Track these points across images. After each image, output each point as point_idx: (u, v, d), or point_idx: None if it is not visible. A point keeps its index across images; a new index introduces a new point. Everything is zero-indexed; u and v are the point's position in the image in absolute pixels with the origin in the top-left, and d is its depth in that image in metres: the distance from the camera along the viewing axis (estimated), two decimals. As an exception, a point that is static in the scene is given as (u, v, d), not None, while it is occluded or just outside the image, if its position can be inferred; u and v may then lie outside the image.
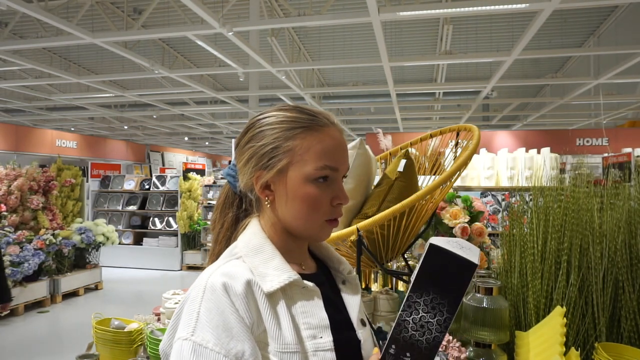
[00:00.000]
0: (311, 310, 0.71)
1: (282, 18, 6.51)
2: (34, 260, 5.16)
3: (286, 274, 0.70)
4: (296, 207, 0.73)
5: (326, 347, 0.68)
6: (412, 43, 8.52)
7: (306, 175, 0.72)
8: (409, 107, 11.90)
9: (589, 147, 9.47)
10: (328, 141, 0.74)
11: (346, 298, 0.81)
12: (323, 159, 0.72)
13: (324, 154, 0.73)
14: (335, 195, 0.74)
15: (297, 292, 0.71)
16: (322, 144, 0.73)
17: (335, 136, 0.75)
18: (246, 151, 0.76)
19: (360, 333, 0.77)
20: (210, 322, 0.62)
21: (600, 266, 1.13)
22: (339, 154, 0.74)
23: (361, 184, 1.66)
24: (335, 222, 0.76)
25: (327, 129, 0.75)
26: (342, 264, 0.85)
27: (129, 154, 17.35)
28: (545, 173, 3.21)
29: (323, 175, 0.72)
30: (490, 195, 3.80)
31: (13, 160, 6.16)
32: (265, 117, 0.77)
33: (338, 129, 0.77)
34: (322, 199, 0.73)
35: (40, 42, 6.14)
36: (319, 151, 0.72)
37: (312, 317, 0.70)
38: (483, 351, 1.16)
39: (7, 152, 11.63)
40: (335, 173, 0.74)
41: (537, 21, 5.04)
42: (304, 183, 0.72)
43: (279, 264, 0.71)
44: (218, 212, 0.84)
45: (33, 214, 5.80)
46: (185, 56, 9.33)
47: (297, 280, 0.70)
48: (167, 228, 8.35)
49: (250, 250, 0.73)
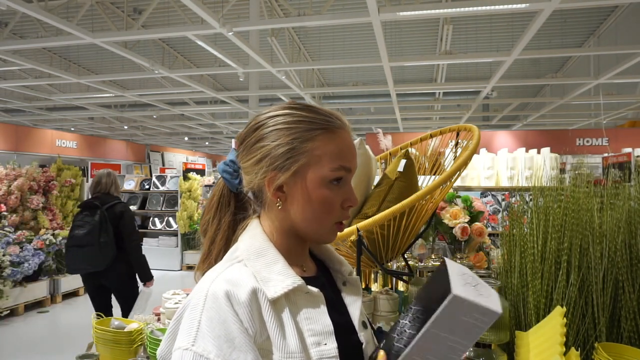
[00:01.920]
0: (315, 316, 0.70)
1: (282, 18, 6.51)
2: (34, 260, 5.16)
3: (290, 279, 0.68)
4: (311, 209, 0.72)
5: (331, 355, 0.67)
6: (412, 43, 8.52)
7: (323, 177, 0.71)
8: (409, 107, 11.91)
9: (589, 147, 9.47)
10: (343, 143, 0.73)
11: (347, 300, 0.80)
12: (338, 160, 0.72)
13: (340, 156, 0.72)
14: (346, 197, 0.74)
15: (300, 298, 0.70)
16: (338, 146, 0.72)
17: (348, 138, 0.75)
18: (257, 150, 0.73)
19: (362, 336, 0.76)
20: (212, 331, 0.61)
21: (600, 266, 1.13)
22: (351, 155, 0.74)
23: (361, 184, 1.66)
24: (342, 225, 0.76)
25: (342, 131, 0.74)
26: (343, 265, 0.84)
27: (129, 154, 17.35)
28: (545, 173, 3.21)
29: (338, 176, 0.72)
30: (490, 195, 3.80)
31: (13, 160, 6.15)
32: (277, 115, 0.74)
33: (348, 130, 0.76)
34: (335, 201, 0.72)
35: (40, 42, 6.14)
36: (336, 153, 0.72)
37: (316, 323, 0.69)
38: (483, 351, 1.16)
39: (7, 152, 11.63)
40: (348, 174, 0.74)
41: (537, 21, 5.04)
42: (320, 185, 0.71)
43: (282, 269, 0.70)
44: (212, 212, 0.81)
45: (33, 214, 5.80)
46: (185, 56, 9.33)
47: (301, 286, 0.69)
48: (167, 228, 8.35)
49: (252, 253, 0.71)
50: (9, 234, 5.19)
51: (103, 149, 15.85)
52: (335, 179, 0.72)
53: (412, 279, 1.61)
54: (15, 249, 5.05)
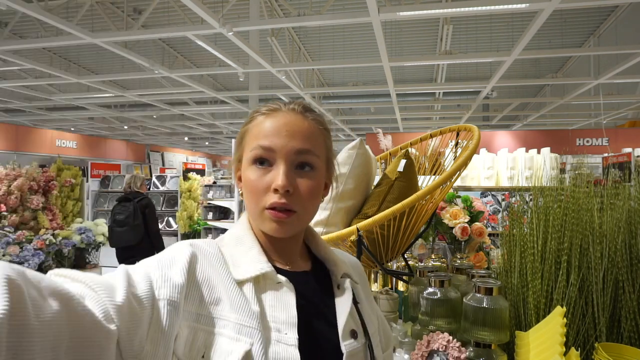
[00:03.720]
0: (280, 305, 0.66)
1: (282, 18, 6.51)
2: (34, 260, 5.16)
3: (259, 265, 0.68)
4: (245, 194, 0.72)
5: (289, 342, 0.63)
6: (412, 43, 8.52)
7: (246, 159, 0.72)
8: (409, 107, 11.91)
9: (589, 147, 9.48)
10: (271, 123, 0.70)
11: (337, 304, 0.74)
12: (257, 139, 0.70)
13: (261, 134, 0.70)
14: (273, 179, 0.68)
15: (269, 285, 0.68)
16: (261, 126, 0.71)
17: (282, 118, 0.71)
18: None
19: (345, 345, 0.69)
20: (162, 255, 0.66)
21: (600, 266, 1.13)
22: (281, 135, 0.69)
23: (361, 184, 1.66)
24: (277, 213, 0.68)
25: (277, 112, 0.72)
26: (337, 266, 0.78)
27: (129, 154, 17.36)
28: (545, 173, 3.21)
29: (257, 156, 0.69)
30: (490, 195, 3.80)
31: (13, 161, 6.14)
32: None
33: (294, 111, 0.72)
34: (258, 183, 0.69)
35: (40, 42, 6.14)
36: (256, 133, 0.71)
37: (281, 312, 0.66)
38: (483, 351, 1.16)
39: (7, 152, 11.64)
40: (272, 154, 0.69)
41: (537, 21, 5.04)
42: (245, 168, 0.72)
43: (255, 256, 0.69)
44: None
45: (33, 214, 5.80)
46: (185, 56, 9.33)
47: (270, 273, 0.67)
48: (167, 228, 8.35)
49: (232, 239, 0.74)
50: (9, 234, 5.19)
51: (103, 149, 15.85)
52: (257, 160, 0.70)
53: (412, 279, 1.61)
54: (15, 249, 5.05)
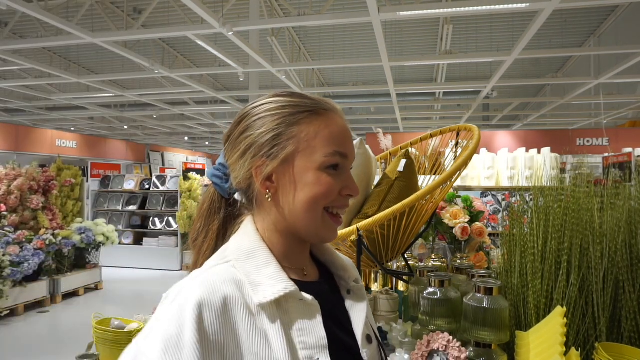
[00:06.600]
0: (309, 327, 0.63)
1: (282, 18, 6.51)
2: (34, 260, 5.16)
3: (282, 284, 0.62)
4: (304, 198, 0.65)
5: None
6: (412, 43, 8.52)
7: (316, 163, 0.64)
8: (409, 107, 11.90)
9: (589, 147, 9.48)
10: (335, 126, 0.67)
11: (351, 310, 0.73)
12: (332, 145, 0.65)
13: (333, 140, 0.66)
14: (345, 185, 0.67)
15: (293, 306, 0.63)
16: (329, 129, 0.66)
17: (341, 122, 0.69)
18: (242, 142, 0.68)
19: (365, 353, 0.69)
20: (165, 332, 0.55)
21: (600, 266, 1.13)
22: (347, 141, 0.68)
23: (361, 184, 1.65)
24: (339, 219, 0.69)
25: (332, 113, 0.68)
26: (347, 272, 0.76)
27: (129, 153, 17.35)
28: (545, 173, 3.21)
29: (334, 162, 0.65)
30: (491, 195, 3.80)
31: (13, 160, 6.16)
32: (261, 104, 0.69)
33: (341, 115, 0.70)
34: (333, 188, 0.65)
35: (40, 42, 6.13)
36: (328, 136, 0.65)
37: (309, 335, 0.62)
38: (483, 351, 1.16)
39: (7, 152, 11.63)
40: (345, 161, 0.67)
41: (537, 21, 5.04)
42: (314, 172, 0.65)
43: (274, 272, 0.63)
44: (202, 220, 0.75)
45: (33, 214, 5.80)
46: (185, 56, 9.33)
47: (294, 292, 0.62)
48: (167, 228, 8.35)
49: (242, 254, 0.65)
50: (9, 234, 5.19)
51: (103, 148, 15.85)
52: (332, 166, 0.65)
53: (412, 279, 1.60)
54: (15, 249, 5.05)
